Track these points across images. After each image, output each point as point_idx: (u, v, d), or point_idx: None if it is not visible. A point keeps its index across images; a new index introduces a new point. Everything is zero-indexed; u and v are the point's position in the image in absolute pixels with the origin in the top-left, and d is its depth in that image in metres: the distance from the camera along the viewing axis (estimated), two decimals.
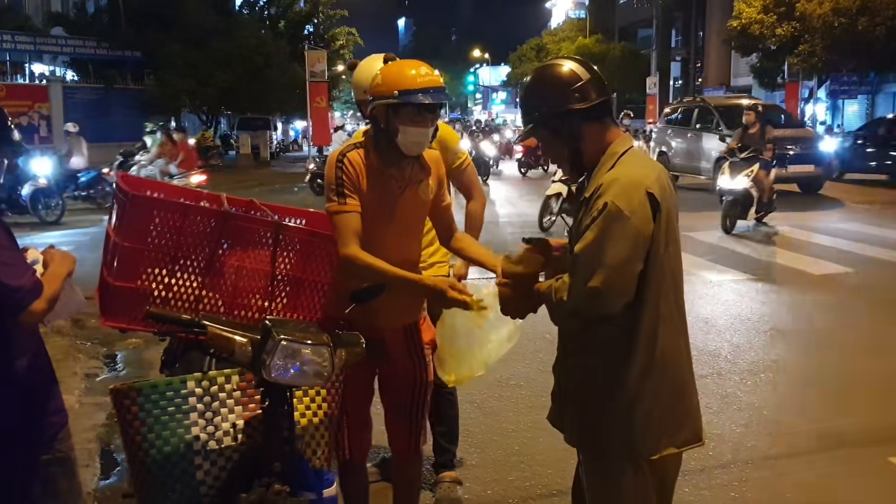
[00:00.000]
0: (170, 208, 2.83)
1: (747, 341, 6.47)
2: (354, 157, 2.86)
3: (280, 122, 45.42)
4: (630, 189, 2.18)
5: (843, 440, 4.53)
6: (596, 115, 2.32)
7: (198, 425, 2.40)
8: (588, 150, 2.33)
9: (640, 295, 2.23)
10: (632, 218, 2.15)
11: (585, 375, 2.37)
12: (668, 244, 2.26)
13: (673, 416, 2.32)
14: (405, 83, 2.76)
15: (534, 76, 2.45)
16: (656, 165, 2.37)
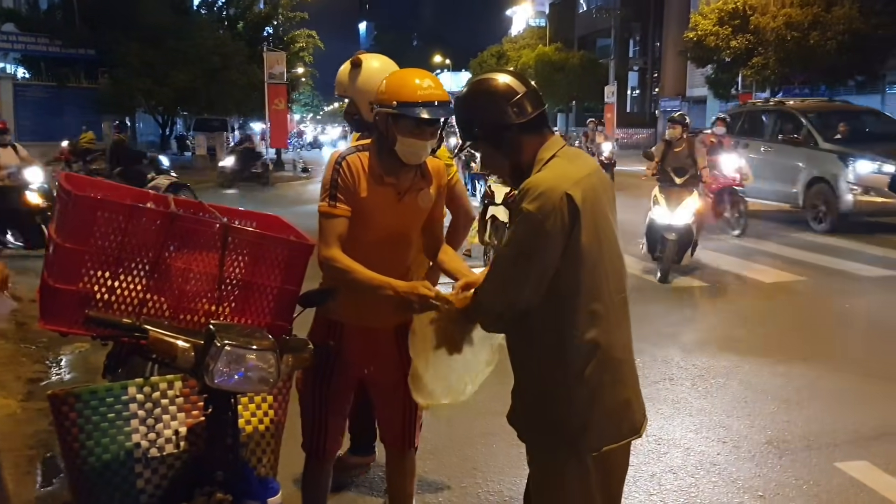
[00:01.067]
0: (114, 209, 2.75)
1: (699, 348, 6.53)
2: (354, 161, 2.87)
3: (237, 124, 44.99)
4: (546, 193, 2.23)
5: (791, 446, 4.58)
6: (534, 126, 2.37)
7: (139, 432, 2.34)
8: (527, 160, 2.38)
9: (568, 294, 2.28)
10: (545, 222, 2.21)
11: (527, 373, 2.42)
12: (597, 243, 2.30)
13: (612, 412, 2.36)
14: (405, 94, 2.76)
15: (470, 91, 2.47)
16: (584, 166, 2.39)
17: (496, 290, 2.33)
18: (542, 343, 2.33)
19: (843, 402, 5.30)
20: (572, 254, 2.25)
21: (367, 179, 2.87)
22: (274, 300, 2.99)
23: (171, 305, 2.85)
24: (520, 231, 2.25)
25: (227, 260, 2.91)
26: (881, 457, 4.39)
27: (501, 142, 2.36)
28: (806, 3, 30.17)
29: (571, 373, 2.30)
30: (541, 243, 2.22)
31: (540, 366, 2.35)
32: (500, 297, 2.32)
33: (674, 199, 9.17)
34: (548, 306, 2.29)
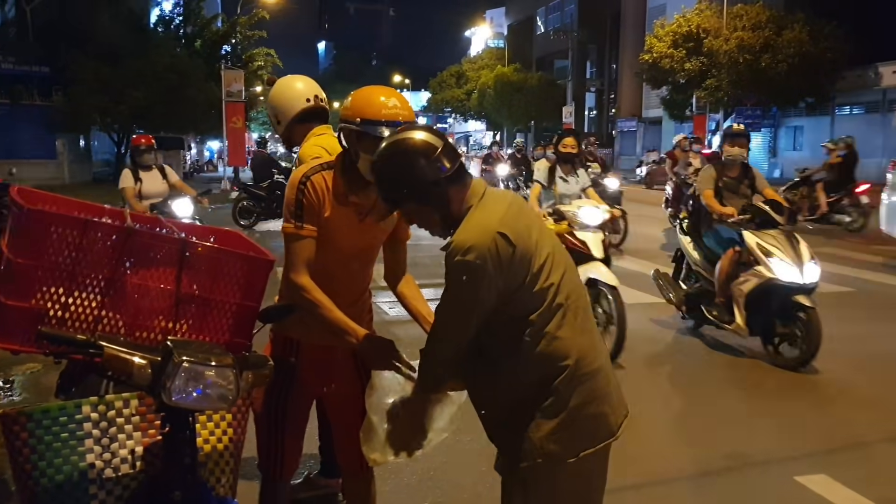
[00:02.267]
0: (68, 223, 2.68)
1: (659, 363, 6.57)
2: (318, 180, 2.84)
3: (195, 143, 44.56)
4: (478, 239, 2.26)
5: (750, 460, 4.62)
6: (457, 177, 2.39)
7: (93, 452, 2.27)
8: (455, 209, 2.40)
9: (523, 325, 2.33)
10: (485, 266, 2.24)
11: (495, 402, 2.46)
12: (545, 271, 2.36)
13: (586, 419, 2.38)
14: (369, 112, 2.75)
15: (390, 153, 2.42)
16: (503, 200, 2.45)
17: (445, 339, 2.41)
18: (508, 370, 2.38)
19: (802, 416, 5.37)
20: (521, 281, 2.31)
21: (330, 199, 2.84)
22: (233, 317, 2.94)
23: (126, 323, 2.78)
24: (459, 280, 2.27)
25: (184, 276, 2.85)
26: (839, 470, 4.44)
27: (430, 198, 2.38)
28: (757, 26, 30.91)
29: (543, 390, 2.35)
30: (482, 286, 2.26)
31: (508, 393, 2.40)
32: (450, 345, 2.40)
33: (784, 245, 6.50)
34: (508, 334, 2.35)
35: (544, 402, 2.35)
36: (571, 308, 2.40)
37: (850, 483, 4.27)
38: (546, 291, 2.35)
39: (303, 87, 3.78)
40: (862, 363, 6.70)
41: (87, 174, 31.93)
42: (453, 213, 2.40)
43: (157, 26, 35.60)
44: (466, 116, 66.02)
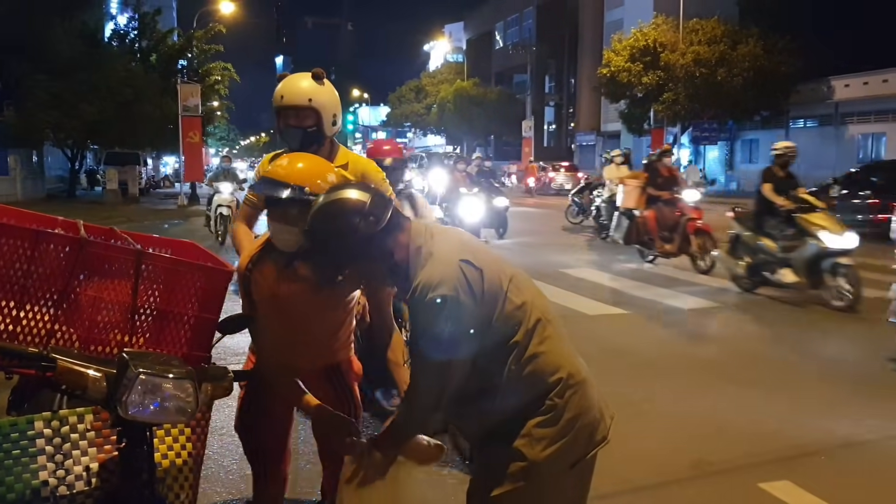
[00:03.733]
0: (18, 235, 2.61)
1: (621, 375, 6.59)
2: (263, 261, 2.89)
3: (151, 158, 44.03)
4: (446, 272, 2.22)
5: (715, 468, 4.63)
6: (395, 225, 2.35)
7: (46, 469, 2.19)
8: (402, 256, 2.35)
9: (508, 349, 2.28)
10: (458, 295, 2.20)
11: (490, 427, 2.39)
12: (514, 290, 2.33)
13: (585, 429, 2.39)
14: (260, 169, 2.83)
15: (323, 218, 2.34)
16: (454, 233, 2.45)
17: (430, 383, 2.29)
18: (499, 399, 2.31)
19: (764, 423, 5.40)
20: (494, 306, 2.27)
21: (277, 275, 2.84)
22: (191, 329, 2.89)
23: (81, 336, 2.71)
24: (435, 319, 2.20)
25: (140, 288, 2.79)
26: (802, 476, 4.47)
27: (373, 252, 2.33)
28: (713, 40, 31.48)
29: (538, 406, 2.31)
30: (463, 319, 2.21)
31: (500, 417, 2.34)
32: (435, 390, 2.29)
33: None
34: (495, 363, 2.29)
35: (540, 418, 2.30)
36: (550, 322, 2.38)
37: (813, 489, 4.31)
38: (522, 309, 2.31)
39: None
40: (823, 368, 6.78)
41: (40, 190, 31.36)
42: (399, 260, 2.34)
43: (112, 40, 35.13)
44: (426, 131, 66.18)
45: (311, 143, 3.43)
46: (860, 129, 32.02)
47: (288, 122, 3.43)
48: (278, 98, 3.47)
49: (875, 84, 30.07)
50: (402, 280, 2.35)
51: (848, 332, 8.19)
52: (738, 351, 7.49)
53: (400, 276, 2.36)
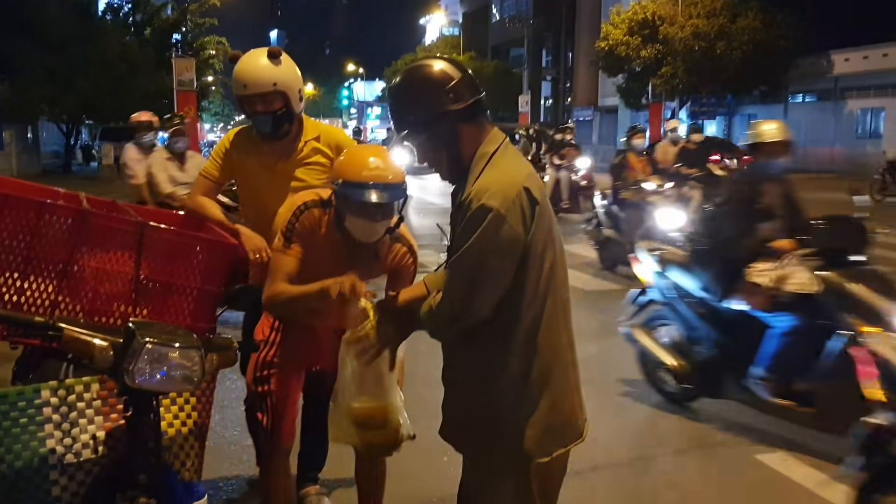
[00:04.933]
0: (22, 206, 2.62)
1: (619, 348, 6.62)
2: (313, 216, 2.87)
3: None
4: (504, 189, 2.14)
5: (713, 440, 4.69)
6: (471, 115, 2.26)
7: (53, 437, 2.22)
8: (465, 151, 2.26)
9: (522, 294, 2.20)
10: (507, 217, 2.11)
11: (469, 381, 2.33)
12: (552, 240, 2.24)
13: (559, 417, 2.31)
14: (349, 173, 2.71)
15: (404, 79, 2.32)
16: (526, 163, 2.35)
17: (461, 295, 2.17)
18: (489, 348, 2.25)
19: None
20: (531, 251, 2.18)
21: (321, 239, 2.86)
22: (194, 301, 2.90)
23: (84, 308, 2.72)
24: (481, 230, 2.11)
25: (143, 260, 2.80)
26: (798, 447, 4.52)
27: (438, 132, 2.24)
28: (712, 13, 31.24)
29: (520, 379, 2.24)
30: (504, 241, 2.12)
31: (485, 373, 2.26)
32: (464, 303, 2.18)
33: None
34: (497, 306, 2.20)
35: (524, 395, 2.25)
36: (563, 293, 2.32)
37: (807, 459, 4.36)
38: (550, 268, 2.23)
39: None
40: None
41: (36, 166, 31.22)
42: (463, 154, 2.25)
43: (106, 14, 34.82)
44: None
45: (282, 125, 3.39)
46: (859, 104, 31.92)
47: (255, 109, 3.34)
48: (240, 87, 3.37)
49: (875, 58, 29.93)
50: (459, 178, 2.28)
51: None
52: None
53: (457, 171, 2.28)
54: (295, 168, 3.43)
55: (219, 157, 3.52)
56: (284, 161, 3.43)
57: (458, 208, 2.23)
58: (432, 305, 2.26)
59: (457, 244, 2.18)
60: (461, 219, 2.17)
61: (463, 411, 2.37)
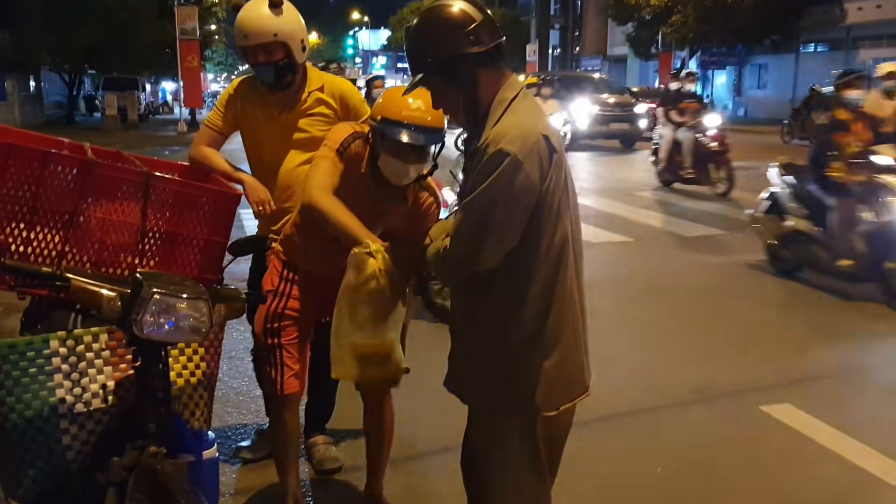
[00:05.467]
0: (27, 156, 2.60)
1: (626, 300, 6.63)
2: (359, 146, 2.84)
3: (149, 83, 43.50)
4: (523, 134, 2.09)
5: (717, 391, 4.70)
6: (491, 59, 2.21)
7: (63, 387, 2.22)
8: (483, 96, 2.21)
9: (535, 244, 2.17)
10: (524, 163, 2.07)
11: (477, 332, 2.32)
12: (563, 193, 2.21)
13: (568, 371, 2.30)
14: (389, 111, 2.67)
15: (423, 19, 2.26)
16: (542, 109, 2.30)
17: (470, 240, 2.13)
18: (502, 301, 2.23)
19: (767, 348, 5.47)
20: (545, 203, 2.14)
21: (357, 175, 2.83)
22: (200, 252, 2.90)
23: (91, 259, 2.73)
24: (496, 175, 2.07)
25: (149, 211, 2.79)
26: (804, 399, 4.54)
27: (456, 74, 2.19)
28: None
29: (529, 331, 2.22)
30: (519, 188, 2.08)
31: (496, 326, 2.24)
32: (472, 249, 2.14)
33: None
34: (510, 257, 2.17)
35: (535, 348, 2.23)
36: (577, 246, 2.29)
37: (813, 411, 4.38)
38: (564, 218, 2.20)
39: None
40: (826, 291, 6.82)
41: (38, 116, 31.11)
42: (481, 99, 2.20)
43: None
44: None
45: (284, 76, 3.33)
46: (871, 54, 31.40)
47: (257, 60, 3.29)
48: (241, 37, 3.32)
49: (889, 7, 29.38)
50: (475, 124, 2.24)
51: None
52: (741, 276, 7.51)
53: (474, 117, 2.23)
54: (298, 119, 3.40)
55: (223, 106, 3.48)
56: (288, 112, 3.39)
57: (472, 154, 2.20)
58: (440, 248, 2.24)
59: (470, 188, 2.14)
60: (476, 163, 2.13)
61: (471, 363, 2.36)
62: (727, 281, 7.37)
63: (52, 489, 2.21)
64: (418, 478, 3.65)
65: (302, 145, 3.39)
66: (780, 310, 6.45)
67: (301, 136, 3.38)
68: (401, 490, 3.52)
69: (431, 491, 3.53)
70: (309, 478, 3.65)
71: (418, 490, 3.54)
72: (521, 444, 2.32)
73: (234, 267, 3.12)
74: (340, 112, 3.43)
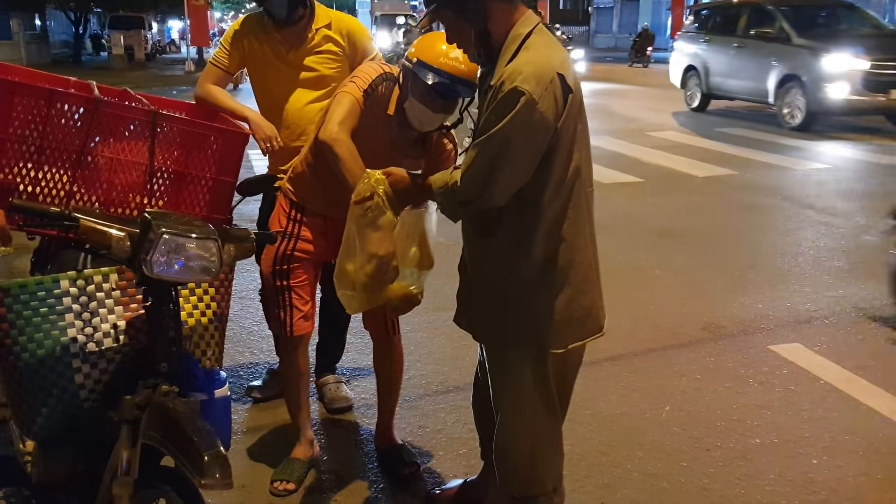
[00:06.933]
0: (33, 94, 2.57)
1: (635, 241, 6.61)
2: (388, 88, 2.80)
3: (156, 22, 43.03)
4: (538, 72, 2.05)
5: (726, 331, 4.71)
6: None
7: (74, 327, 2.22)
8: (495, 31, 2.16)
9: (546, 183, 2.15)
10: (539, 103, 2.03)
11: (487, 269, 2.33)
12: (583, 129, 2.19)
13: (578, 310, 2.30)
14: (427, 56, 2.60)
15: None
16: (561, 48, 2.24)
17: (482, 177, 2.12)
18: (508, 237, 2.22)
19: (776, 288, 5.46)
20: (559, 142, 2.12)
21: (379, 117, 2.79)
22: (209, 192, 2.88)
23: (99, 198, 2.71)
24: (511, 114, 2.04)
25: (157, 150, 2.77)
26: (813, 339, 4.55)
27: (468, 8, 2.14)
28: None
29: (540, 269, 2.22)
30: (533, 127, 2.05)
31: (506, 261, 2.25)
32: (481, 185, 2.13)
33: None
34: (520, 195, 2.16)
35: (544, 286, 2.23)
36: (587, 187, 2.27)
37: (822, 351, 4.39)
38: (577, 159, 2.18)
39: None
40: (836, 237, 6.79)
41: (45, 55, 30.85)
42: (494, 33, 2.16)
43: None
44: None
45: (297, 8, 3.27)
46: None
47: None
48: None
49: None
50: (486, 57, 2.20)
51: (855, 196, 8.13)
52: (749, 219, 7.47)
53: (488, 52, 2.19)
54: (306, 56, 3.34)
55: (228, 44, 3.43)
56: (296, 49, 3.34)
57: (486, 91, 2.16)
58: (447, 182, 2.23)
59: (484, 126, 2.11)
60: (491, 101, 2.10)
61: (482, 300, 2.37)
62: (735, 220, 7.32)
63: (65, 427, 2.23)
64: (428, 417, 3.67)
65: (310, 84, 3.34)
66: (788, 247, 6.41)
67: (309, 75, 3.34)
68: (411, 429, 3.56)
69: (441, 430, 3.56)
70: (320, 416, 3.69)
71: (428, 429, 3.57)
72: (534, 380, 2.34)
73: (243, 207, 3.11)
74: (348, 49, 3.38)
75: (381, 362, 3.26)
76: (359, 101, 2.76)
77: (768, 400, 3.86)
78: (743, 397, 3.89)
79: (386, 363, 3.25)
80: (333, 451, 3.41)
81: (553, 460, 2.48)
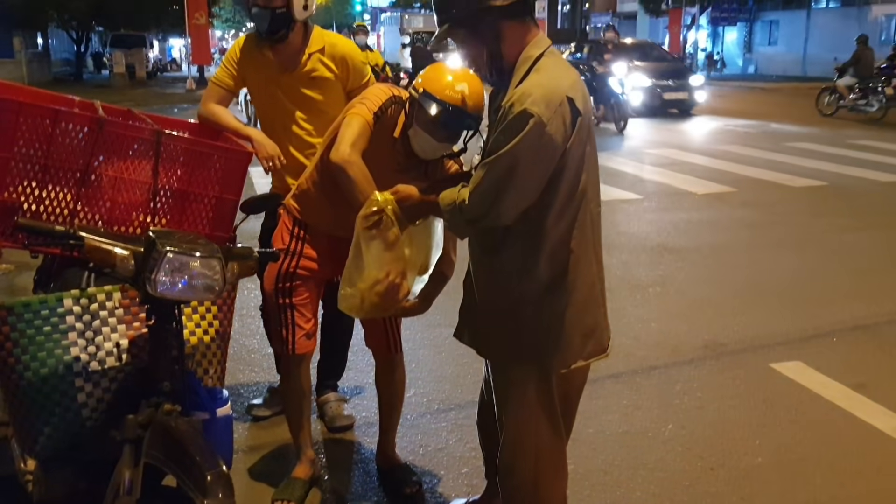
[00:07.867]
0: (38, 113, 2.58)
1: (635, 258, 6.62)
2: (396, 111, 2.79)
3: (157, 40, 43.24)
4: (548, 95, 2.07)
5: (727, 349, 4.71)
6: (517, 13, 2.17)
7: (77, 345, 2.23)
8: (507, 51, 2.19)
9: (553, 202, 2.17)
10: (548, 126, 2.05)
11: (493, 286, 2.34)
12: (584, 154, 2.20)
13: (581, 330, 2.31)
14: (433, 87, 2.61)
15: None
16: (573, 70, 2.26)
17: (489, 197, 2.13)
18: (513, 255, 2.24)
19: (778, 306, 5.46)
20: (566, 164, 2.13)
21: (386, 142, 2.79)
22: (212, 210, 2.89)
23: (103, 217, 2.72)
24: (520, 136, 2.05)
25: (161, 169, 2.78)
26: (814, 357, 4.55)
27: (481, 28, 2.16)
28: None
29: (544, 289, 2.23)
30: (542, 150, 2.07)
31: (510, 279, 2.26)
32: (487, 206, 2.14)
33: None
34: (526, 215, 2.17)
35: (548, 305, 2.24)
36: (594, 207, 2.28)
37: (824, 369, 4.38)
38: (584, 179, 2.19)
39: None
40: (836, 253, 6.79)
41: (46, 74, 30.95)
42: (507, 55, 2.18)
43: None
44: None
45: (279, 27, 3.29)
46: (884, 10, 30.94)
47: (256, 3, 3.27)
48: None
49: None
50: (500, 80, 2.21)
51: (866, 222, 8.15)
52: (750, 236, 7.48)
53: (497, 72, 2.21)
54: (299, 81, 3.37)
55: (229, 64, 3.46)
56: (289, 73, 3.37)
57: (496, 111, 2.18)
58: (455, 200, 2.23)
59: (493, 146, 2.13)
60: (501, 122, 2.12)
61: (486, 315, 2.38)
62: (734, 237, 7.33)
63: (67, 446, 2.23)
64: (430, 435, 3.66)
65: (306, 108, 3.39)
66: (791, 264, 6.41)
67: (304, 99, 3.39)
68: (413, 447, 3.55)
69: (443, 448, 3.55)
70: (321, 435, 3.68)
71: (430, 447, 3.56)
72: (538, 396, 2.35)
73: (246, 225, 3.11)
74: (340, 74, 3.40)
75: (383, 380, 3.26)
76: (369, 124, 2.76)
77: (770, 418, 3.85)
78: (745, 416, 3.88)
79: (388, 381, 3.25)
80: (335, 471, 3.40)
81: (557, 480, 2.47)
